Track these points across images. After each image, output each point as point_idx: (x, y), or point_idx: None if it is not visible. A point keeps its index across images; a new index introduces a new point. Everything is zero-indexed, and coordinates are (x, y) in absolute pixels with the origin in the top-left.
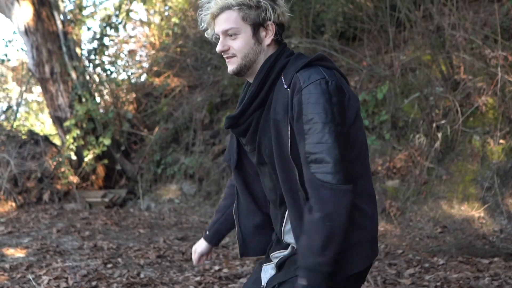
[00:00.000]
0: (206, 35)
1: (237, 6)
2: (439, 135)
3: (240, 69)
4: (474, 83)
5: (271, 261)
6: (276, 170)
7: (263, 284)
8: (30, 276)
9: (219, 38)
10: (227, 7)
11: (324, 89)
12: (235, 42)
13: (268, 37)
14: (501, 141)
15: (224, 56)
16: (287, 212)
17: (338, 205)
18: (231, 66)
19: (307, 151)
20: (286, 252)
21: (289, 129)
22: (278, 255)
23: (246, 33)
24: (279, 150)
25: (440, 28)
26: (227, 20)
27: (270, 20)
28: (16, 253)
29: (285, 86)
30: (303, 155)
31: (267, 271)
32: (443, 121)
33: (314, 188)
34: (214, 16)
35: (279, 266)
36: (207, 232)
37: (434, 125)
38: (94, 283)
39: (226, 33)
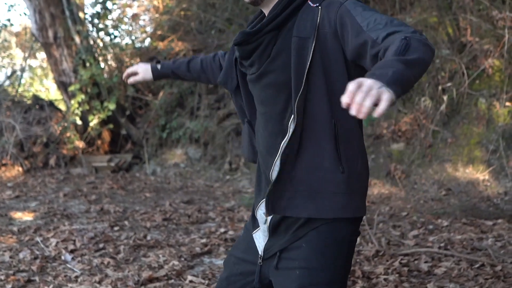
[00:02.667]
0: None
1: None
2: (445, 98)
3: None
4: (480, 45)
5: (258, 226)
6: (281, 92)
7: (260, 253)
8: (38, 239)
9: None
10: None
11: None
12: None
13: None
14: (507, 103)
15: None
16: (285, 142)
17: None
18: None
19: (372, 37)
20: None
21: (313, 45)
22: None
23: None
24: (298, 68)
25: None
26: None
27: None
28: (24, 216)
29: (315, 5)
30: (370, 41)
31: (260, 238)
32: (449, 84)
33: (397, 40)
34: None
35: (274, 228)
36: (158, 65)
37: (440, 88)
38: (101, 245)
39: None
